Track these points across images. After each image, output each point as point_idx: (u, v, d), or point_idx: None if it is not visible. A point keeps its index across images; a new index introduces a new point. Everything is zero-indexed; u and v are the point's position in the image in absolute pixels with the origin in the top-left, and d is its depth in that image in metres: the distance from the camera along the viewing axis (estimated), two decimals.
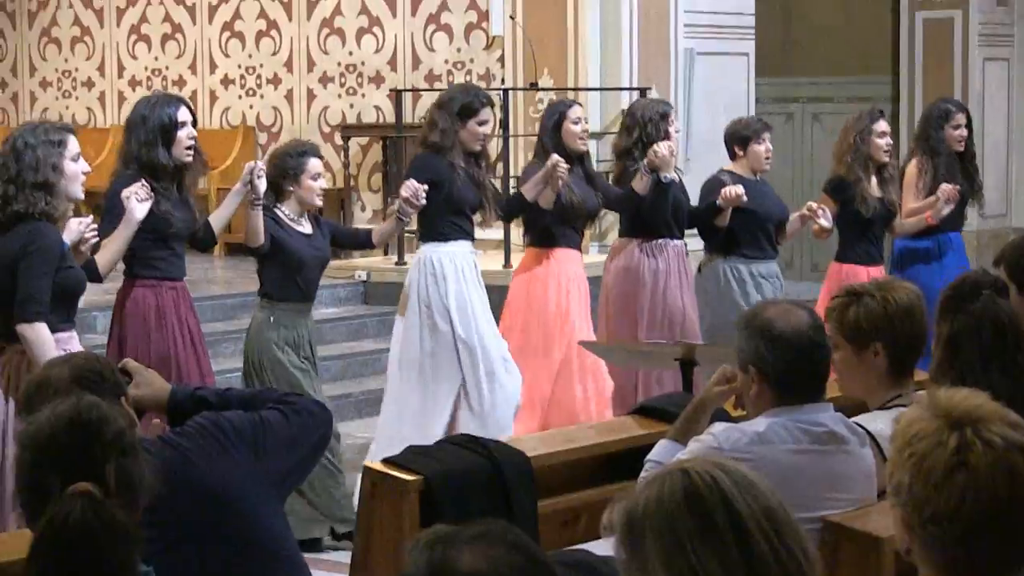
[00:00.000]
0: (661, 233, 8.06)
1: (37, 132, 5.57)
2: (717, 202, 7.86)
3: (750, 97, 12.74)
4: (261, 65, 13.99)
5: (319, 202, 7.10)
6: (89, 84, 14.97)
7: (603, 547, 2.69)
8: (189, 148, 6.47)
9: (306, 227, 7.05)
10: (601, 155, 11.66)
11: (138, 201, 6.12)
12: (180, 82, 14.41)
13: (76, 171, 5.60)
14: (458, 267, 7.49)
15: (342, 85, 13.57)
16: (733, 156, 8.22)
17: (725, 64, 12.56)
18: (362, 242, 7.52)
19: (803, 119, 14.69)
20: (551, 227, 7.85)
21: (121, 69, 14.77)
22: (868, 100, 14.07)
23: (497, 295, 8.01)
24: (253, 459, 3.69)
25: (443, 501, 4.39)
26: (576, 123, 7.91)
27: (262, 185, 6.70)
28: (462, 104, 7.49)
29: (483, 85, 12.53)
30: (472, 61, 12.89)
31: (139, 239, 6.29)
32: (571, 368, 7.88)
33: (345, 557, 5.02)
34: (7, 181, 5.48)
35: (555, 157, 7.54)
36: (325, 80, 13.64)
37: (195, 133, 6.55)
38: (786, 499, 2.57)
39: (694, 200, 8.21)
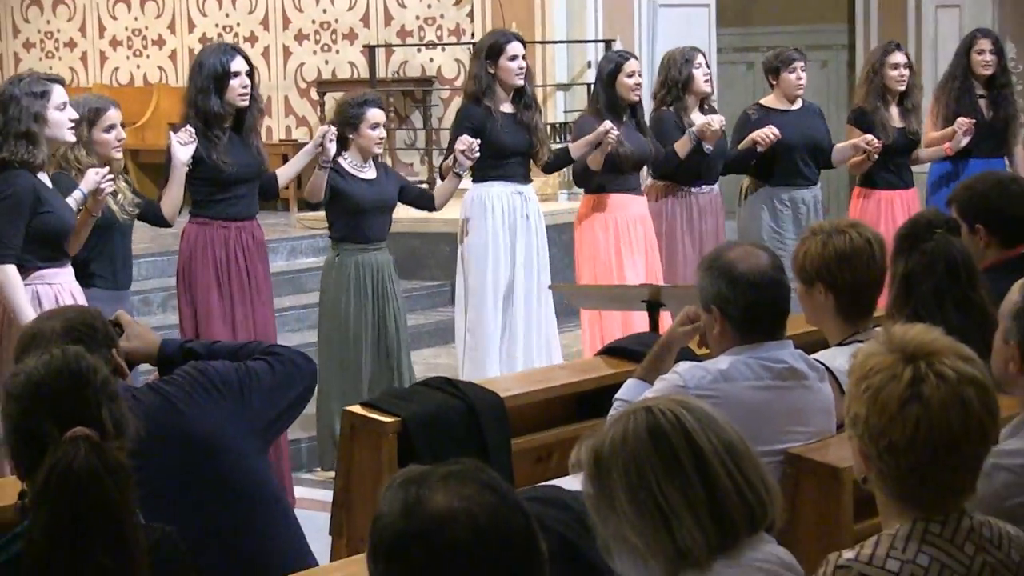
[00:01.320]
0: (694, 180, 8.05)
1: (21, 84, 5.61)
2: (757, 148, 7.91)
3: (712, 47, 12.70)
4: (238, 24, 13.89)
5: (378, 150, 7.12)
6: (71, 45, 14.84)
7: (573, 483, 2.69)
8: (243, 95, 6.57)
9: (369, 173, 7.09)
10: (569, 106, 11.65)
11: (180, 144, 6.29)
12: (159, 41, 14.29)
13: (61, 119, 5.64)
14: (492, 208, 7.52)
15: (317, 42, 13.48)
16: (771, 86, 8.36)
17: (688, 15, 12.51)
18: (426, 204, 7.44)
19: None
20: (602, 175, 7.75)
21: (102, 30, 14.63)
22: (825, 48, 14.06)
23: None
24: (238, 406, 3.70)
25: (420, 441, 4.40)
26: (630, 76, 7.84)
27: (332, 148, 6.78)
28: (489, 45, 7.55)
29: (453, 40, 12.50)
30: (442, 16, 12.81)
31: (195, 185, 6.52)
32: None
33: (327, 495, 5.02)
34: None
35: (607, 124, 7.51)
36: (300, 37, 13.55)
37: (248, 82, 6.62)
38: (748, 433, 2.58)
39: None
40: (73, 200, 5.74)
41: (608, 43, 11.57)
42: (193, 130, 6.36)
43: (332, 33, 13.37)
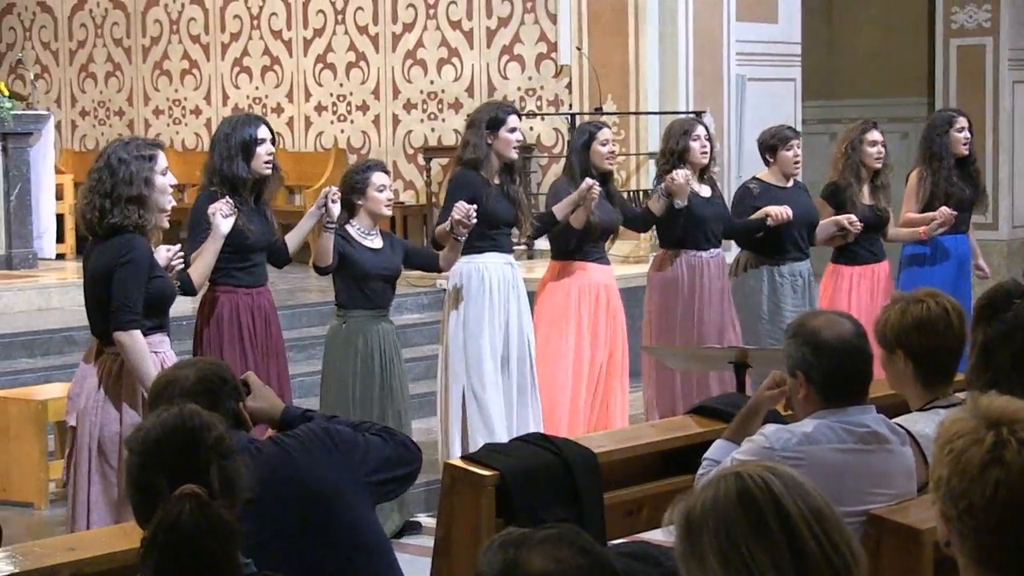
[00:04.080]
0: (700, 245, 7.90)
1: (129, 148, 5.42)
2: (767, 223, 7.80)
3: (797, 119, 12.66)
4: (351, 93, 14.04)
5: (387, 212, 6.96)
6: (197, 112, 15.07)
7: (662, 536, 2.67)
8: (268, 163, 6.42)
9: (375, 242, 6.93)
10: None
11: (223, 217, 6.07)
12: (278, 109, 14.48)
13: (165, 184, 5.45)
14: (488, 279, 7.29)
15: (424, 111, 13.59)
16: (767, 163, 8.21)
17: (774, 89, 12.50)
18: (432, 265, 7.27)
19: None
20: (575, 242, 7.62)
21: (225, 98, 14.86)
22: (906, 121, 13.95)
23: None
24: (352, 464, 3.70)
25: (517, 494, 4.37)
26: (604, 144, 7.70)
27: (335, 209, 6.56)
28: (489, 117, 7.33)
29: (552, 110, 12.54)
30: (542, 88, 12.87)
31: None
32: (602, 373, 7.73)
33: (428, 543, 5.01)
34: (103, 195, 5.32)
35: (589, 181, 7.38)
36: (409, 106, 13.66)
37: (273, 150, 6.48)
38: (832, 495, 2.54)
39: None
40: None
41: (698, 114, 11.55)
42: (232, 202, 6.13)
43: (439, 103, 13.47)
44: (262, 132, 6.43)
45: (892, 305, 4.18)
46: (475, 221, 6.88)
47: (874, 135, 8.29)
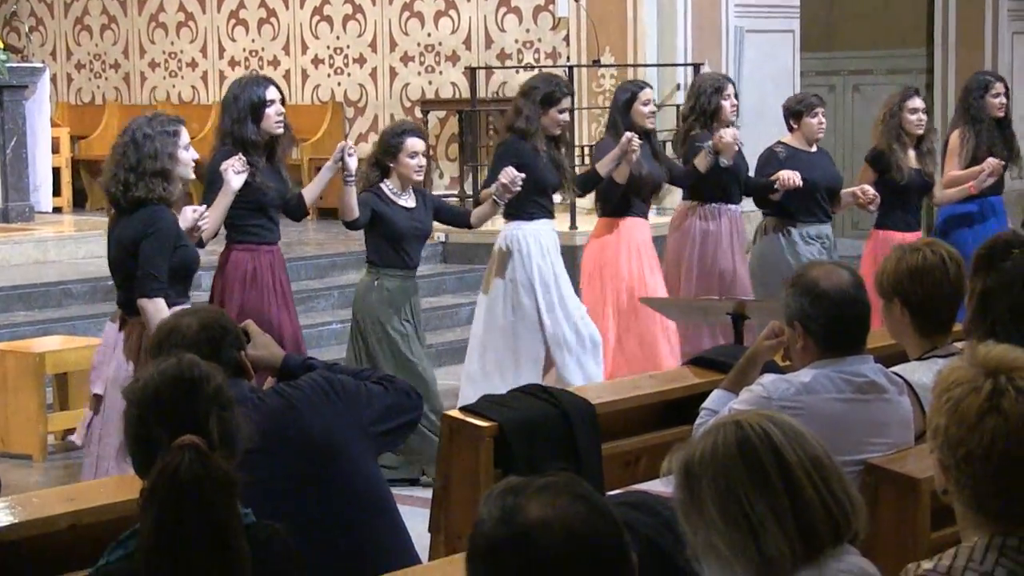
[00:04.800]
0: (717, 198, 8.07)
1: (154, 123, 5.58)
2: (775, 186, 7.87)
3: (795, 71, 12.63)
4: (348, 46, 13.98)
5: (417, 177, 7.04)
6: (193, 64, 15.01)
7: (661, 486, 2.67)
8: (278, 123, 6.53)
9: (409, 201, 7.03)
10: (660, 126, 11.58)
11: (235, 172, 6.19)
12: (274, 62, 14.43)
13: (188, 158, 5.63)
14: (543, 245, 7.49)
15: (421, 64, 13.54)
16: (791, 129, 8.23)
17: (772, 41, 12.45)
18: (461, 222, 7.44)
19: (845, 90, 14.54)
20: (622, 198, 7.78)
21: (222, 51, 14.80)
22: (905, 72, 13.92)
23: (565, 256, 7.94)
24: (354, 414, 3.71)
25: (515, 445, 4.38)
26: (645, 104, 7.85)
27: (352, 163, 6.68)
28: (545, 93, 7.43)
29: (550, 63, 12.50)
30: (540, 41, 12.83)
31: (237, 208, 6.36)
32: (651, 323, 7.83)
33: (427, 494, 5.02)
34: (128, 169, 5.47)
35: (629, 134, 7.48)
36: (406, 59, 13.62)
37: (283, 110, 6.59)
38: (829, 444, 2.55)
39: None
40: None
41: (697, 66, 11.52)
42: (245, 159, 6.28)
43: (436, 55, 13.42)
44: (271, 93, 6.55)
45: (891, 254, 4.18)
46: (519, 188, 7.02)
47: (915, 102, 8.30)
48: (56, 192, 12.96)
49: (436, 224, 7.33)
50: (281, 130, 6.56)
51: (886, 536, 3.69)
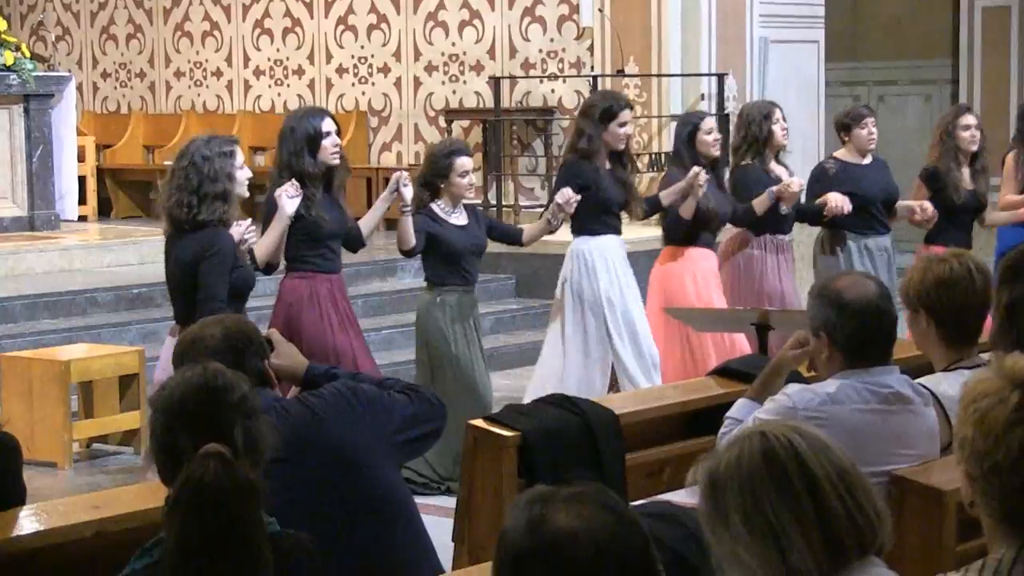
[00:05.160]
0: (767, 230, 7.97)
1: (212, 145, 5.72)
2: (823, 213, 7.87)
3: (820, 82, 12.60)
4: (372, 55, 14.01)
5: (469, 195, 7.14)
6: (218, 74, 15.06)
7: (684, 496, 2.66)
8: (334, 154, 6.58)
9: (461, 218, 7.08)
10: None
11: (288, 198, 6.29)
12: (299, 71, 14.47)
13: (243, 177, 5.78)
14: (608, 260, 7.51)
15: (445, 73, 13.56)
16: (843, 142, 8.26)
17: (797, 51, 12.43)
18: (513, 240, 7.50)
19: (869, 101, 14.47)
20: (689, 229, 7.72)
21: (247, 60, 14.85)
22: (929, 83, 13.88)
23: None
24: (377, 424, 3.71)
25: (539, 454, 4.38)
26: (708, 133, 7.83)
27: (408, 192, 6.75)
28: (603, 109, 7.46)
29: (574, 72, 12.50)
30: (564, 50, 12.83)
31: (294, 240, 6.47)
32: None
33: (451, 503, 5.02)
34: (191, 192, 5.62)
35: (696, 169, 7.48)
36: (430, 68, 13.64)
37: (339, 141, 6.65)
38: (854, 455, 2.53)
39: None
40: None
41: (721, 76, 11.51)
42: (297, 183, 6.35)
43: (460, 65, 13.44)
44: (327, 125, 6.60)
45: (917, 264, 4.17)
46: (573, 210, 7.11)
47: (968, 119, 8.23)
48: (82, 201, 13.01)
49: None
50: (337, 160, 6.62)
51: (912, 548, 3.68)
